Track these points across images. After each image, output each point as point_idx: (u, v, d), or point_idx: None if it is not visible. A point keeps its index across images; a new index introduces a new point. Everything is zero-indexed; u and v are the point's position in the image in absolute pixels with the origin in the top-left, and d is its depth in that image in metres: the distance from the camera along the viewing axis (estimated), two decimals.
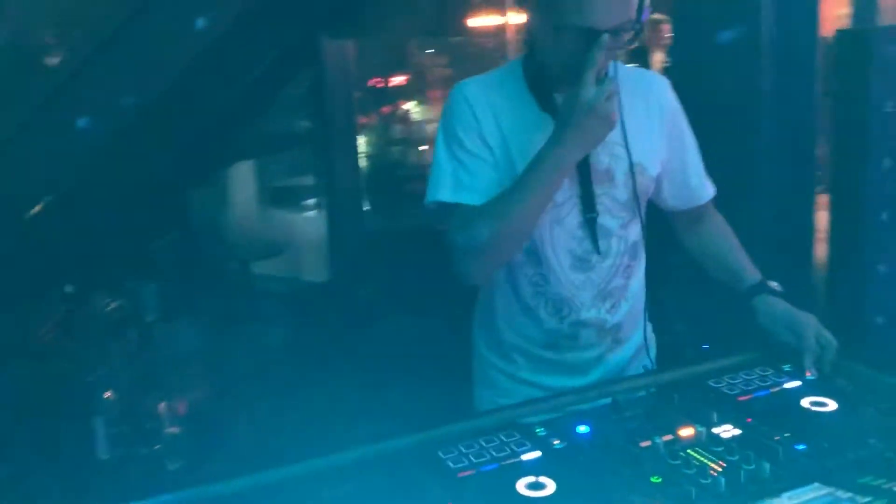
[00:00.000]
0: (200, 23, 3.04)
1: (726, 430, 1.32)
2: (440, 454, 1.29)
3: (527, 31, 1.57)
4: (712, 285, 1.79)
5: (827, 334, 1.54)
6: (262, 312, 4.80)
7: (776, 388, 1.46)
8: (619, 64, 1.54)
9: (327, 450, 1.34)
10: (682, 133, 1.69)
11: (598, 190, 1.57)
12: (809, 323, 1.56)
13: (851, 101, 2.41)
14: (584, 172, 1.56)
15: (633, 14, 1.40)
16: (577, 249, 1.60)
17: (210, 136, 4.53)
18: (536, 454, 1.28)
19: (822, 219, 2.73)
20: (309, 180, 5.69)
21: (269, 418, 3.58)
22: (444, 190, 1.57)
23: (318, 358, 4.11)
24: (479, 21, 9.29)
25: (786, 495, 1.13)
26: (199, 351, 3.68)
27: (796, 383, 1.48)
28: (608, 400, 1.46)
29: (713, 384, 1.49)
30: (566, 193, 1.57)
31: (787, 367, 1.53)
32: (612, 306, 1.65)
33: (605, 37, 1.38)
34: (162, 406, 3.13)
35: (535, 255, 1.61)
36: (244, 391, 3.66)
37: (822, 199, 2.75)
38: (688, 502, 1.13)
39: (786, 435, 1.29)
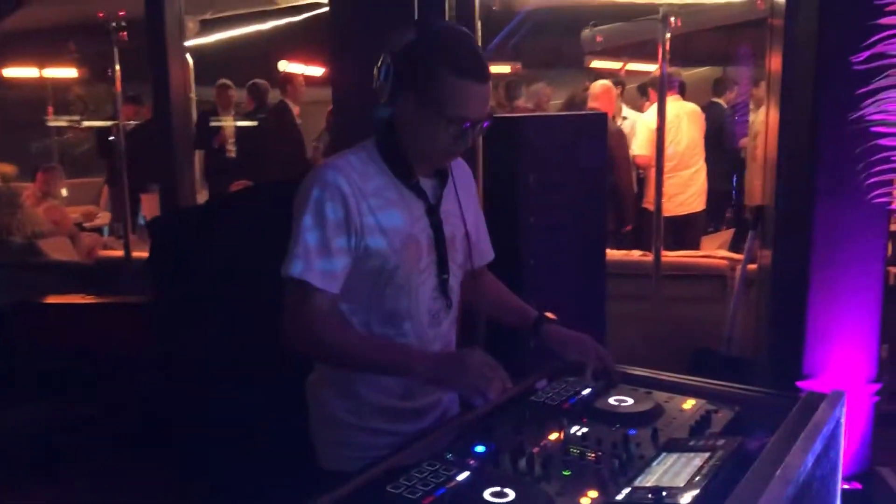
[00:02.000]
0: None
1: (579, 429, 1.68)
2: (391, 489, 1.42)
3: (388, 118, 1.78)
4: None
5: (602, 349, 1.99)
6: None
7: (579, 396, 1.87)
8: None
9: None
10: (478, 207, 2.09)
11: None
12: (589, 343, 1.99)
13: (503, 174, 3.05)
14: (441, 241, 1.84)
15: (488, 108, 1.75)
16: (433, 308, 1.87)
17: None
18: (466, 473, 1.47)
19: None
20: None
21: None
22: (298, 266, 1.71)
23: None
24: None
25: (654, 464, 1.54)
26: None
27: (588, 389, 1.90)
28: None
29: (535, 399, 1.85)
30: (426, 261, 1.83)
31: (571, 379, 1.96)
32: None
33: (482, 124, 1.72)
34: None
35: (399, 318, 1.83)
36: None
37: None
38: (605, 482, 1.45)
39: (618, 426, 1.70)
